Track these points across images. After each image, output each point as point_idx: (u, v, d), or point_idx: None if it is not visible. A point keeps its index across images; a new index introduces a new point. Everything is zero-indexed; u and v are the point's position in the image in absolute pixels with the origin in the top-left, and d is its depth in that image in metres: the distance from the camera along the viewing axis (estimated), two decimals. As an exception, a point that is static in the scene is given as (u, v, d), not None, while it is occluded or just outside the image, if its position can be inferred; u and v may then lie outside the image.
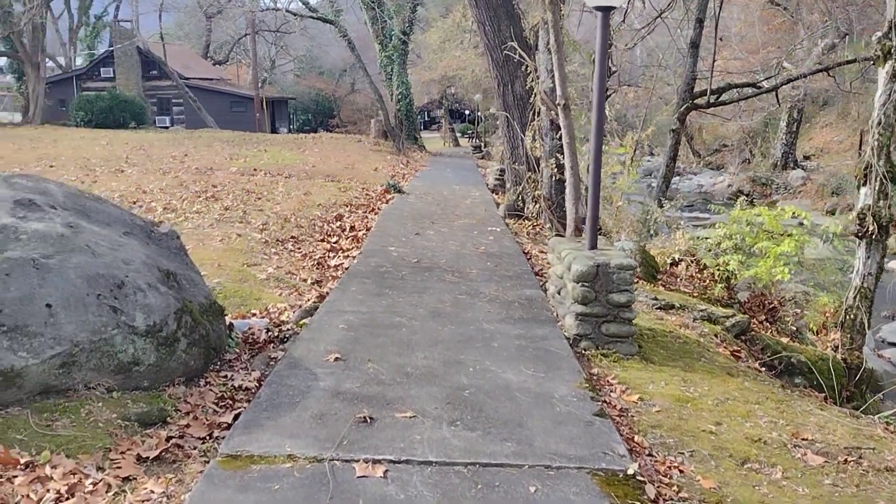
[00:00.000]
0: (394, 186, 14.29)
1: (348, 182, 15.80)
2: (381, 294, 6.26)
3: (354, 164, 19.49)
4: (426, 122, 62.71)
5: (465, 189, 15.86)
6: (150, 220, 5.38)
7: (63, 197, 4.51)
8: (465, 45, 32.04)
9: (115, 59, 40.35)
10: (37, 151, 19.84)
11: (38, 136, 26.05)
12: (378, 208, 12.11)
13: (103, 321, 3.65)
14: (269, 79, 60.70)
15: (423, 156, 27.43)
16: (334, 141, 27.09)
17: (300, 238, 8.93)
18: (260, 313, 6.01)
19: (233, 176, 15.38)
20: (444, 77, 38.09)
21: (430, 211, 11.84)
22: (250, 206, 10.79)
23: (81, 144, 22.82)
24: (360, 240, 9.15)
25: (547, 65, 10.59)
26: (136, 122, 34.94)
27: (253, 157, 19.84)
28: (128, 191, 12.00)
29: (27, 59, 32.70)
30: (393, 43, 27.74)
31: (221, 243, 8.01)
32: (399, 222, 10.46)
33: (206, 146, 23.23)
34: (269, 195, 12.30)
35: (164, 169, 16.11)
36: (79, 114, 33.23)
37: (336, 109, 59.80)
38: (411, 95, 29.37)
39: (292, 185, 13.87)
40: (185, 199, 11.36)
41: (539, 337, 5.22)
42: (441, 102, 47.66)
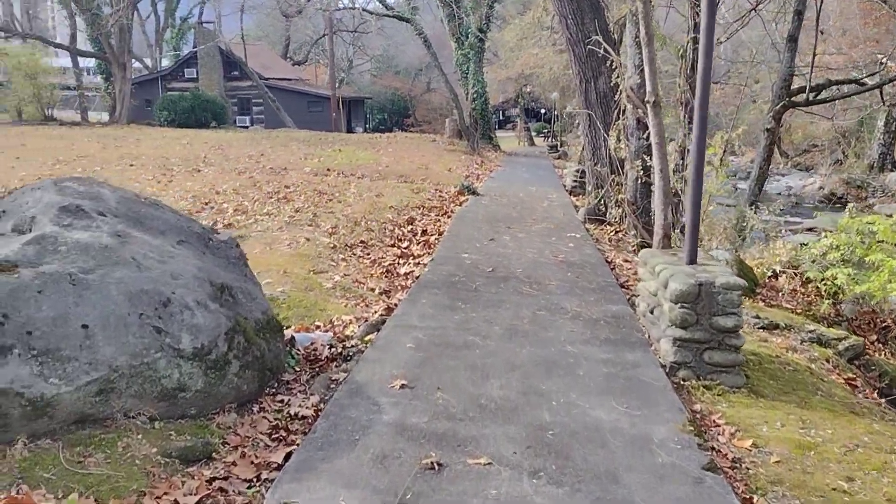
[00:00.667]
0: (468, 188, 13.81)
1: (421, 183, 15.41)
2: (453, 307, 5.77)
3: (428, 164, 19.12)
4: (500, 121, 62.03)
5: (542, 191, 15.24)
6: (210, 227, 5.04)
7: (116, 202, 4.20)
8: (543, 42, 31.33)
9: (199, 60, 41.38)
10: (120, 150, 20.29)
11: (123, 135, 26.79)
12: (451, 211, 11.64)
13: (145, 343, 3.29)
14: (346, 79, 61.33)
15: (497, 155, 26.88)
16: (408, 140, 26.85)
17: (370, 243, 8.55)
18: (324, 326, 5.61)
19: (306, 176, 15.22)
20: (521, 75, 37.43)
21: (506, 214, 11.30)
22: (321, 209, 10.50)
23: (163, 144, 23.28)
24: (431, 245, 8.69)
25: (634, 59, 9.90)
26: (216, 121, 35.65)
27: (327, 157, 19.73)
28: (201, 191, 11.92)
29: (114, 59, 33.77)
30: (469, 41, 27.27)
31: (289, 248, 7.69)
32: (473, 226, 9.97)
33: (282, 146, 23.33)
34: (341, 196, 12.01)
35: (239, 169, 16.12)
36: (162, 113, 34.13)
37: (411, 109, 59.87)
38: (487, 94, 28.84)
39: (364, 187, 13.56)
40: (256, 200, 11.18)
41: (630, 363, 4.62)
42: (516, 101, 46.96)
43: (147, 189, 11.96)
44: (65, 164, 15.55)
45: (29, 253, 3.21)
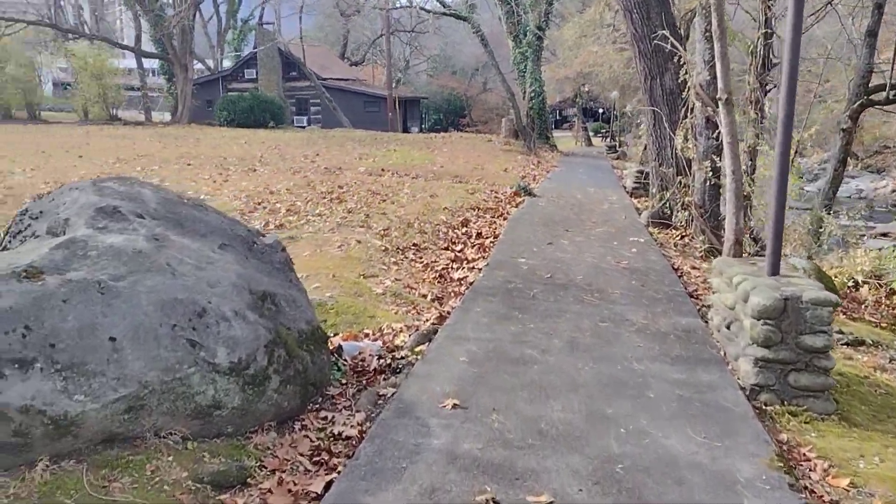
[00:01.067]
0: (524, 189, 13.42)
1: (476, 184, 15.07)
2: (508, 317, 5.41)
3: (483, 164, 18.78)
4: (557, 120, 61.18)
5: (602, 192, 14.73)
6: (255, 230, 4.81)
7: (156, 204, 3.99)
8: (603, 40, 30.63)
9: (258, 61, 41.91)
10: (179, 150, 20.55)
11: (183, 134, 27.24)
12: (507, 213, 11.27)
13: (178, 357, 3.04)
14: (402, 79, 61.43)
15: (554, 155, 26.36)
16: (464, 140, 26.55)
17: (422, 246, 8.25)
18: (373, 334, 5.33)
19: (360, 176, 15.06)
20: (580, 74, 36.66)
21: (564, 216, 10.87)
22: (373, 209, 10.27)
23: (221, 143, 23.53)
24: (486, 249, 8.35)
25: (703, 55, 9.36)
26: (274, 121, 36.03)
27: (382, 156, 19.58)
28: (255, 191, 11.84)
29: (176, 60, 34.43)
30: (527, 39, 26.81)
31: (339, 250, 7.45)
32: (529, 229, 9.58)
33: (338, 146, 23.33)
34: (394, 197, 11.77)
35: (294, 168, 16.07)
36: (222, 113, 34.64)
37: (467, 109, 59.56)
38: (544, 93, 28.34)
39: (418, 187, 13.30)
40: (309, 200, 11.02)
41: (705, 385, 4.20)
42: (574, 101, 46.18)
43: (202, 189, 11.95)
44: (124, 163, 15.75)
45: (56, 258, 3.00)
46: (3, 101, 34.31)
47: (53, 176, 13.13)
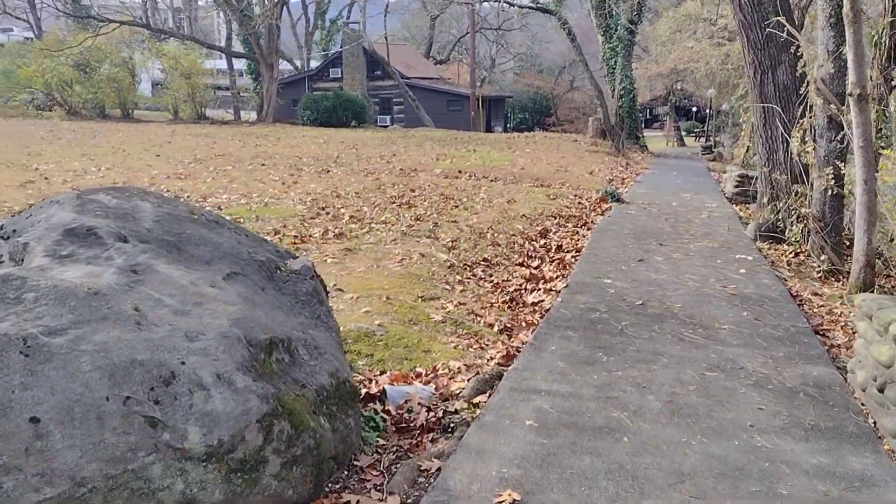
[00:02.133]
0: (611, 194, 12.27)
1: (559, 188, 14.00)
2: (591, 361, 4.42)
3: (568, 166, 17.65)
4: (647, 119, 58.88)
5: (699, 198, 13.39)
6: (284, 250, 4.01)
7: (152, 222, 3.22)
8: (699, 34, 28.95)
9: (343, 60, 41.93)
10: (257, 149, 20.33)
11: (266, 134, 27.22)
12: (592, 222, 10.19)
13: (131, 442, 2.23)
14: (488, 77, 60.63)
15: (644, 157, 24.87)
16: (548, 140, 25.40)
17: (494, 261, 7.31)
18: (425, 374, 4.45)
19: (435, 178, 14.25)
20: (673, 71, 34.85)
21: (657, 227, 9.70)
22: (444, 217, 9.41)
23: (300, 143, 23.26)
24: (567, 265, 7.33)
25: (827, 44, 8.03)
26: (356, 120, 35.79)
27: (460, 157, 18.74)
28: (322, 194, 11.20)
29: (262, 60, 34.66)
30: (618, 33, 25.40)
31: (399, 265, 6.62)
32: (617, 241, 8.49)
33: (416, 146, 22.66)
34: (468, 202, 10.88)
35: (368, 169, 15.43)
36: (305, 112, 34.65)
37: (553, 108, 58.20)
38: (635, 90, 26.84)
39: (495, 191, 12.37)
40: (377, 205, 10.27)
41: (857, 476, 3.10)
42: (666, 99, 44.14)
43: (269, 191, 11.41)
44: (200, 163, 15.50)
45: (-24, 304, 2.24)
46: (98, 99, 35.35)
47: (126, 175, 12.91)
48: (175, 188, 11.35)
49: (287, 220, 8.83)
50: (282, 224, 8.49)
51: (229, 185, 11.98)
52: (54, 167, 13.91)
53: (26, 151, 17.17)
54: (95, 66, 34.77)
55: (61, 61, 34.20)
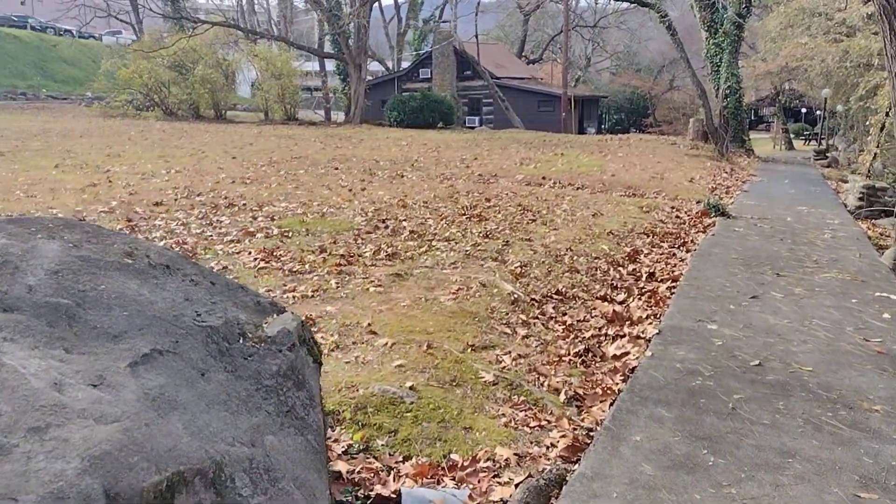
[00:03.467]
0: (715, 207, 10.74)
1: (654, 198, 12.54)
2: (691, 465, 3.16)
3: (664, 172, 16.06)
4: (752, 120, 55.45)
5: (818, 213, 11.63)
6: (269, 303, 2.96)
7: (46, 273, 2.24)
8: (814, 30, 26.52)
9: (433, 60, 41.22)
10: (337, 151, 19.71)
11: (350, 135, 26.71)
12: (692, 241, 8.76)
13: None
14: (582, 77, 58.75)
15: (750, 162, 22.78)
16: (643, 143, 23.68)
17: (569, 293, 6.08)
18: (461, 465, 3.32)
19: (515, 186, 13.07)
20: (783, 69, 32.21)
21: (771, 251, 8.18)
22: (517, 234, 8.23)
23: (381, 145, 22.55)
24: (660, 301, 6.02)
25: None
26: (443, 122, 34.94)
27: (546, 162, 17.45)
28: (388, 204, 10.24)
29: (351, 60, 34.31)
30: (724, 28, 23.41)
31: (453, 299, 5.50)
32: (724, 269, 7.08)
33: (500, 148, 21.51)
34: (548, 215, 9.65)
35: (445, 175, 14.41)
36: (392, 114, 34.09)
37: (651, 108, 55.81)
38: (741, 90, 24.70)
39: (580, 202, 11.07)
40: (444, 217, 9.20)
41: None
42: (774, 99, 41.14)
43: (332, 199, 10.54)
44: (273, 166, 14.89)
45: None
46: (193, 100, 35.92)
47: (192, 179, 12.36)
48: (235, 194, 10.66)
49: (340, 234, 7.88)
50: (332, 240, 7.53)
51: (294, 191, 11.20)
52: (126, 169, 13.58)
53: (107, 152, 17.11)
54: (190, 68, 35.38)
55: (157, 63, 34.96)
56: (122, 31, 56.13)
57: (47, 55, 49.58)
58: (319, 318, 4.92)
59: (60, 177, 12.23)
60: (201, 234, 7.67)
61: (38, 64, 48.19)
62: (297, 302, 5.32)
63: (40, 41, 51.22)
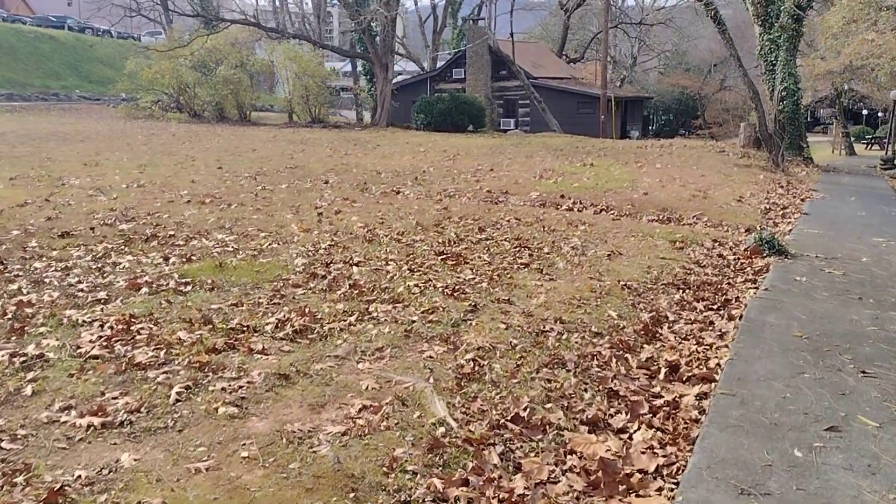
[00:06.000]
0: (768, 242, 8.42)
1: (692, 225, 10.25)
2: None
3: (709, 188, 13.70)
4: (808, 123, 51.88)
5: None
6: None
7: None
8: (882, 26, 23.69)
9: (467, 59, 39.17)
10: (342, 159, 17.85)
11: (368, 140, 24.86)
12: (737, 299, 6.50)
13: None
14: (628, 77, 55.98)
15: (809, 172, 20.11)
16: (687, 151, 21.19)
17: (535, 417, 3.91)
18: None
19: (524, 208, 10.93)
20: (847, 69, 29.23)
21: (848, 322, 5.88)
22: (498, 289, 6.12)
23: (397, 151, 20.60)
24: (682, 431, 3.83)
25: None
26: (473, 124, 32.86)
27: (571, 174, 15.23)
28: (351, 237, 8.25)
29: (377, 60, 32.48)
30: (781, 21, 20.76)
31: (342, 433, 3.44)
32: (782, 359, 4.86)
33: (525, 156, 19.34)
34: (550, 255, 7.51)
35: (448, 191, 12.36)
36: (419, 116, 32.16)
37: (700, 109, 52.83)
38: (800, 92, 21.99)
39: (597, 233, 8.87)
40: (412, 258, 7.15)
41: None
42: (834, 101, 37.89)
43: (288, 228, 8.60)
44: (253, 179, 13.05)
45: None
46: (217, 102, 34.51)
47: (147, 197, 10.58)
48: (175, 220, 8.80)
49: (256, 289, 5.90)
50: (236, 300, 5.55)
51: (249, 216, 9.29)
52: (85, 183, 11.89)
53: (89, 160, 15.51)
54: (213, 68, 33.99)
55: (180, 63, 33.66)
56: (163, 32, 55.41)
57: (83, 55, 49.00)
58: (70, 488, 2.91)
59: (1, 193, 10.58)
60: (69, 288, 5.76)
61: (73, 64, 47.59)
62: (83, 440, 3.33)
63: (76, 41, 50.72)
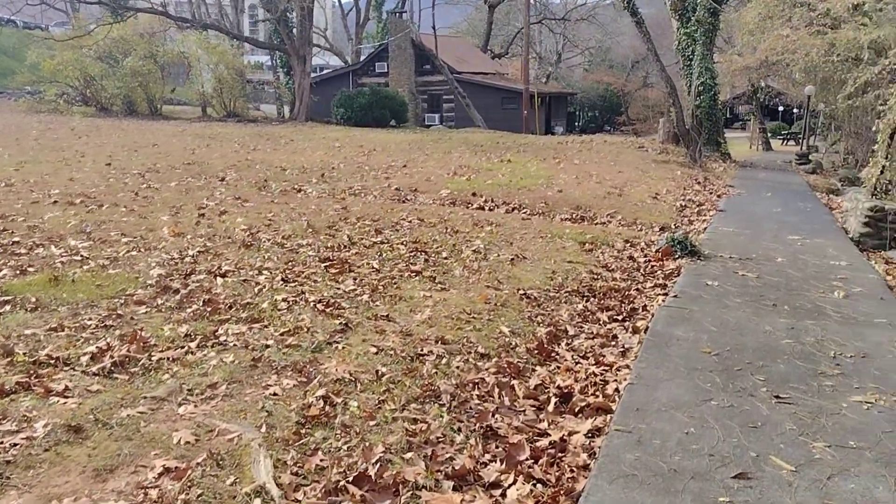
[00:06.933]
0: (681, 243, 7.96)
1: (605, 225, 9.76)
2: None
3: (625, 185, 13.31)
4: (727, 119, 53.09)
5: (815, 246, 8.91)
6: None
7: None
8: (796, 22, 24.02)
9: (390, 53, 38.27)
10: (248, 156, 16.77)
11: (282, 135, 23.71)
12: (644, 308, 5.94)
13: None
14: (554, 73, 56.14)
15: (727, 168, 20.11)
16: (607, 147, 20.93)
17: (386, 474, 3.19)
18: None
19: (431, 207, 10.23)
20: (763, 64, 29.69)
21: (761, 333, 5.37)
22: (380, 301, 5.37)
23: (309, 147, 19.60)
24: (567, 486, 3.18)
25: None
26: (396, 119, 32.01)
27: (487, 171, 14.62)
28: (227, 242, 7.36)
29: (294, 52, 31.26)
30: (697, 16, 20.71)
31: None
32: (687, 382, 4.28)
33: (443, 152, 18.66)
34: (448, 260, 6.81)
35: (354, 189, 11.54)
36: (339, 111, 31.09)
37: (624, 106, 53.45)
38: (717, 87, 22.02)
39: (503, 234, 8.24)
40: (292, 265, 6.33)
41: None
42: (751, 97, 38.70)
43: (158, 232, 7.63)
44: (141, 177, 11.91)
45: None
46: (125, 95, 32.56)
47: (5, 198, 9.39)
48: (34, 222, 7.70)
49: (87, 310, 4.99)
50: (60, 322, 4.63)
51: (117, 220, 8.26)
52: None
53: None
54: (120, 59, 32.05)
55: (84, 53, 31.62)
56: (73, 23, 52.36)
57: (-17, 47, 45.82)
58: None
59: None
60: None
61: (-28, 56, 44.44)
62: None
63: (-24, 32, 47.41)
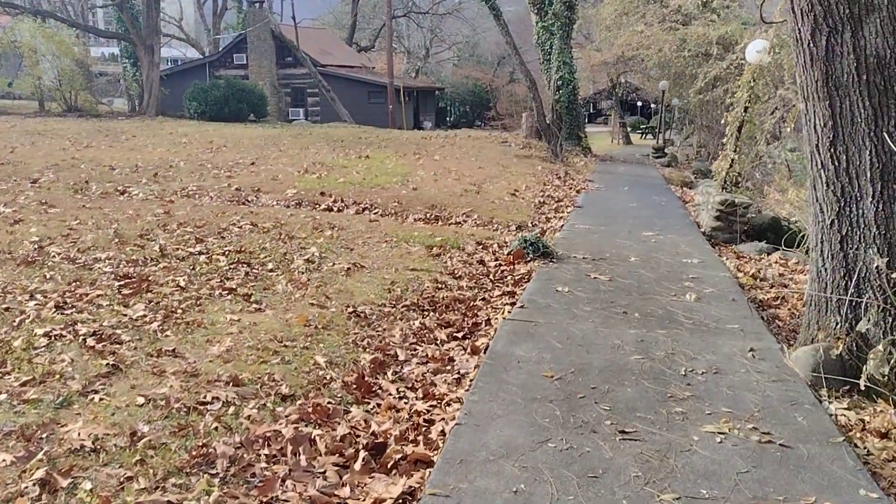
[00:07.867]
0: (533, 245, 7.47)
1: (459, 225, 9.19)
2: None
3: (484, 181, 12.86)
4: (591, 114, 54.76)
5: (670, 242, 8.72)
6: None
7: None
8: (649, 18, 24.74)
9: (249, 45, 36.42)
10: (79, 153, 15.09)
11: (126, 130, 21.73)
12: (488, 321, 5.35)
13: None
14: (422, 68, 55.75)
15: (587, 163, 20.25)
16: (470, 142, 20.57)
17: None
18: None
19: (272, 209, 9.29)
20: (620, 59, 30.47)
21: (608, 349, 4.91)
22: (173, 329, 4.46)
23: (152, 143, 17.93)
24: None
25: None
26: (255, 114, 30.43)
27: (341, 168, 13.77)
28: (7, 256, 6.15)
29: (140, 41, 28.98)
30: (554, 9, 20.70)
31: None
32: (522, 420, 3.69)
33: (301, 148, 17.59)
34: (274, 273, 5.96)
35: (189, 190, 10.39)
36: (192, 104, 29.13)
37: (493, 101, 53.81)
38: (576, 81, 22.15)
39: (345, 238, 7.45)
40: (75, 287, 5.27)
41: None
42: (611, 92, 39.90)
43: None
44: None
45: None
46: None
47: None
48: None
49: None
50: None
51: None
52: None
53: None
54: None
55: None
56: None
57: None
58: None
59: None
60: None
61: None
62: None
63: None
